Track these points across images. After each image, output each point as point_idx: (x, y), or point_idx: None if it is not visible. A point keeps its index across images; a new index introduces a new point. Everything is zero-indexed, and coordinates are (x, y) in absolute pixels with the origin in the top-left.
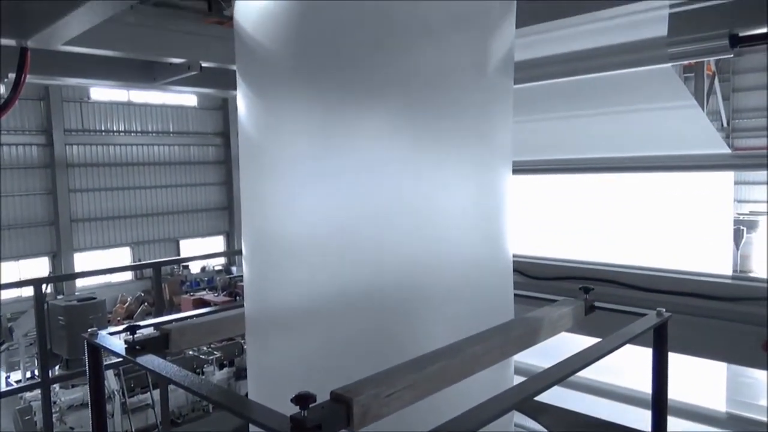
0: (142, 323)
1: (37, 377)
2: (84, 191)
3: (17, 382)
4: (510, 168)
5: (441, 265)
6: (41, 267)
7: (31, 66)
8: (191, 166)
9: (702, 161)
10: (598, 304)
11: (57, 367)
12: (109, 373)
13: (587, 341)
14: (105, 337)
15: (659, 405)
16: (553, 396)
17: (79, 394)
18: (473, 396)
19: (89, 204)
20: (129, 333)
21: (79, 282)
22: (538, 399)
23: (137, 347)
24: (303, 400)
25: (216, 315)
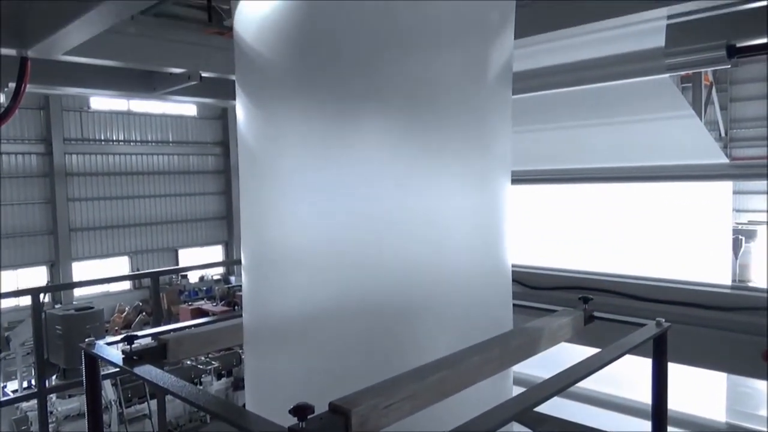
0: (139, 333)
1: (34, 387)
2: (83, 200)
3: (14, 391)
4: (509, 178)
5: (440, 276)
6: (39, 276)
7: (32, 75)
8: (190, 175)
9: (700, 171)
10: (597, 314)
11: (54, 377)
12: (107, 383)
13: (586, 351)
14: (102, 347)
15: (659, 415)
16: (553, 407)
17: (76, 404)
18: (472, 407)
19: (88, 213)
20: (126, 343)
21: (77, 291)
22: (537, 410)
23: (134, 357)
24: (301, 411)
25: (214, 325)
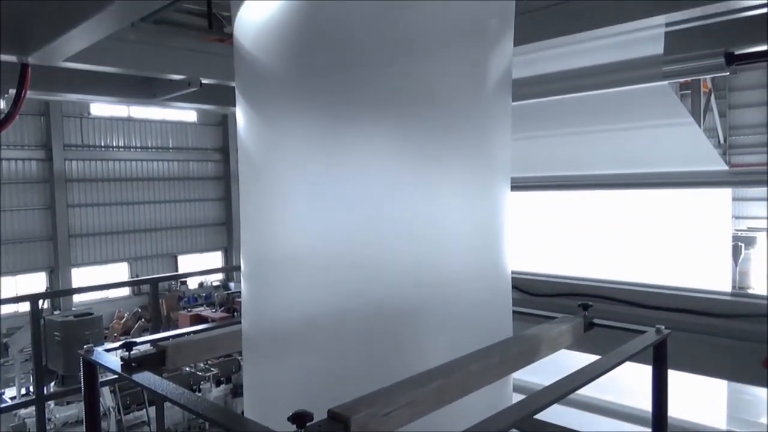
0: (138, 340)
1: (32, 394)
2: (83, 206)
3: (12, 398)
4: (508, 184)
5: (440, 282)
6: (39, 282)
7: (32, 82)
8: (190, 181)
9: (699, 178)
10: (597, 321)
11: (52, 384)
12: (105, 390)
13: (586, 358)
14: (101, 354)
15: (659, 423)
16: (553, 414)
17: (75, 411)
18: (472, 414)
19: (88, 219)
20: (125, 349)
21: (77, 297)
22: (537, 417)
23: (133, 364)
24: (300, 418)
25: (213, 332)
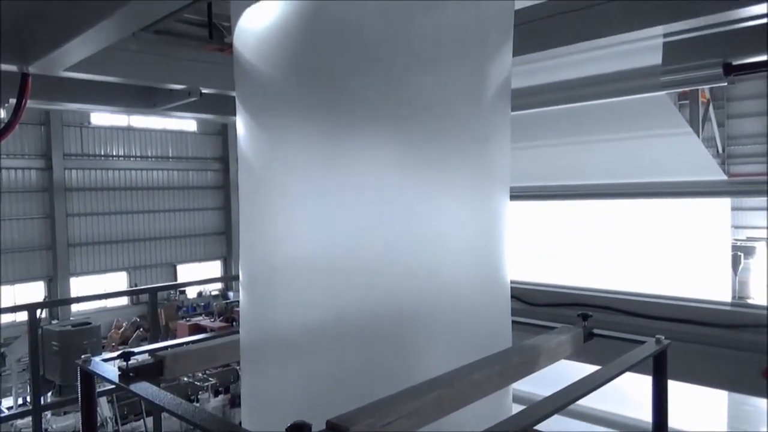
0: (136, 349)
1: (29, 404)
2: (82, 215)
3: (9, 408)
4: (508, 194)
5: (439, 292)
6: (37, 291)
7: (32, 91)
8: (190, 190)
9: (698, 188)
10: (596, 331)
11: (50, 394)
12: (102, 400)
13: (586, 369)
14: (98, 364)
15: None
16: (553, 424)
17: (72, 421)
18: (471, 425)
19: (87, 228)
20: (123, 359)
21: (75, 307)
22: (537, 428)
23: (131, 374)
24: (298, 429)
25: (211, 341)
